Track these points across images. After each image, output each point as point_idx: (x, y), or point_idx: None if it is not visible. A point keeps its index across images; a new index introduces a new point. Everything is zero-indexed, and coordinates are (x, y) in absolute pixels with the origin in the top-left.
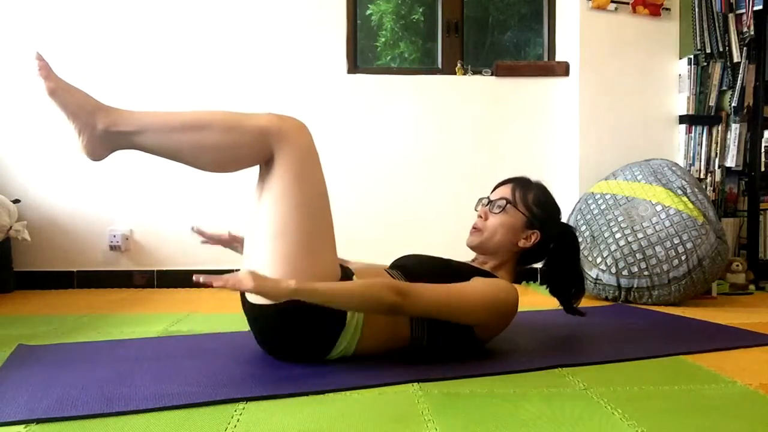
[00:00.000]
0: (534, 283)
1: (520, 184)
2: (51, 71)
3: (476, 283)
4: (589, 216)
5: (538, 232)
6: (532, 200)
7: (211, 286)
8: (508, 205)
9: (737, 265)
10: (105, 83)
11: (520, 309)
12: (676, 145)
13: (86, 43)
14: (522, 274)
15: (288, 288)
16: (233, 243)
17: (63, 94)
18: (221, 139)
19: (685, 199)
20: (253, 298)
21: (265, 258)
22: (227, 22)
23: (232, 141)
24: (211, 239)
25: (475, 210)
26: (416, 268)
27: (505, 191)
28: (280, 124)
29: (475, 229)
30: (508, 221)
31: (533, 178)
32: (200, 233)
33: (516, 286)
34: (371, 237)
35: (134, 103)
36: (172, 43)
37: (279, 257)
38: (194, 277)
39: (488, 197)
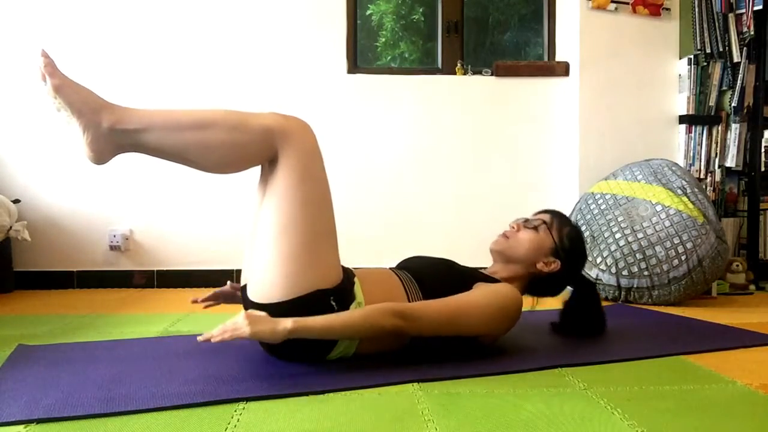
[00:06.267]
0: None
1: (560, 216)
2: (56, 68)
3: (478, 295)
4: (589, 216)
5: (559, 262)
6: (566, 233)
7: (210, 341)
8: (543, 225)
9: (737, 265)
10: (106, 83)
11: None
12: (676, 145)
13: (88, 44)
14: None
15: (285, 329)
16: (235, 293)
17: (68, 91)
18: (226, 137)
19: (685, 199)
20: (255, 298)
21: (268, 257)
22: (228, 22)
23: (237, 140)
24: (215, 299)
25: (510, 225)
26: (424, 270)
27: (545, 216)
28: (285, 123)
29: (504, 235)
30: (537, 239)
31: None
32: (203, 301)
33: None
34: (371, 237)
35: (134, 102)
36: (173, 43)
37: (282, 256)
38: (198, 338)
39: (525, 217)
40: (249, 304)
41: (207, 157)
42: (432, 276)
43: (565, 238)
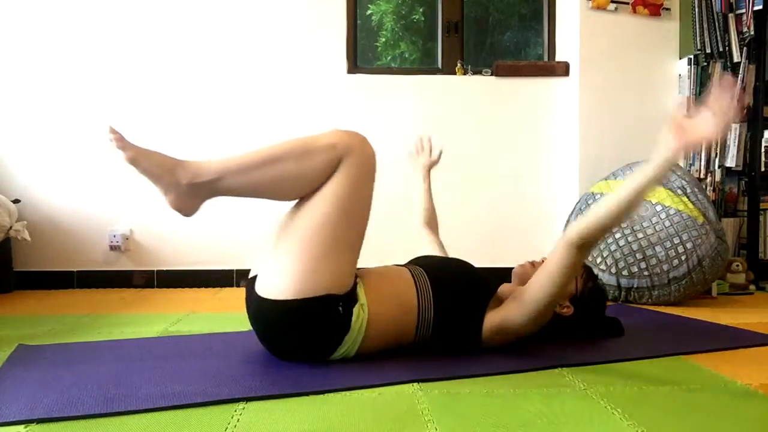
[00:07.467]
0: None
1: (591, 271)
2: (126, 141)
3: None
4: None
5: (572, 309)
6: (590, 287)
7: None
8: None
9: (737, 265)
10: (110, 86)
11: None
12: None
13: (73, 40)
14: None
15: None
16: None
17: (142, 160)
18: (298, 167)
19: (685, 199)
20: (264, 293)
21: (293, 252)
22: (227, 23)
23: (308, 166)
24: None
25: (542, 258)
26: (435, 265)
27: None
28: (347, 139)
29: (532, 263)
30: None
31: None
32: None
33: None
34: (370, 237)
35: (138, 103)
36: (172, 42)
37: (307, 254)
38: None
39: None
40: (255, 297)
41: (283, 188)
42: (442, 270)
43: (587, 291)
